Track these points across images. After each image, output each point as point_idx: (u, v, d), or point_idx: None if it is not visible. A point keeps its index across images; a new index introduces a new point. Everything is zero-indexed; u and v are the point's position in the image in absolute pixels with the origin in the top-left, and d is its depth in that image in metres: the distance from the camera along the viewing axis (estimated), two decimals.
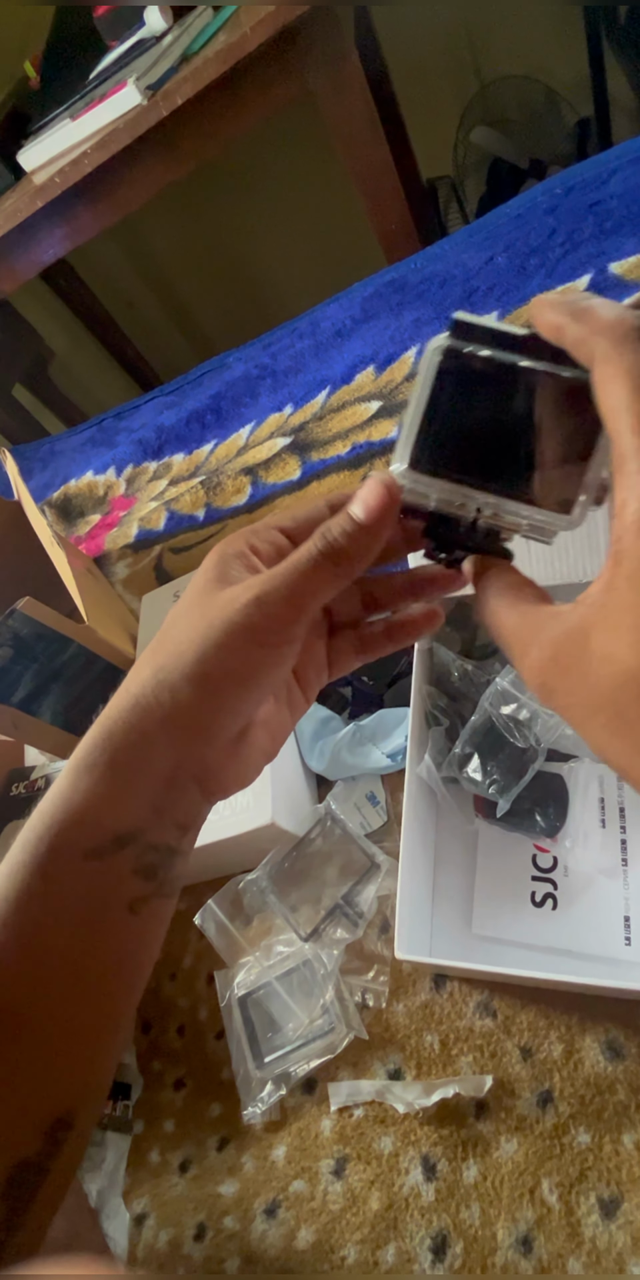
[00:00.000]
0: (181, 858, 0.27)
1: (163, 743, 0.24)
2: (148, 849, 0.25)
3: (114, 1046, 0.27)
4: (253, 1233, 0.44)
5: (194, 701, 0.24)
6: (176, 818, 0.26)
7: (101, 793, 0.24)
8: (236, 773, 0.27)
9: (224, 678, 0.24)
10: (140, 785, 0.24)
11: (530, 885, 0.46)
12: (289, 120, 1.43)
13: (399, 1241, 0.40)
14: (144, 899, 0.25)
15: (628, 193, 0.81)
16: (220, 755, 0.26)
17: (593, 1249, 0.36)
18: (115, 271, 1.83)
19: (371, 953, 0.49)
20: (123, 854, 0.24)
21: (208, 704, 0.24)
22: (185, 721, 0.24)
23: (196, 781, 0.26)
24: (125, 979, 0.26)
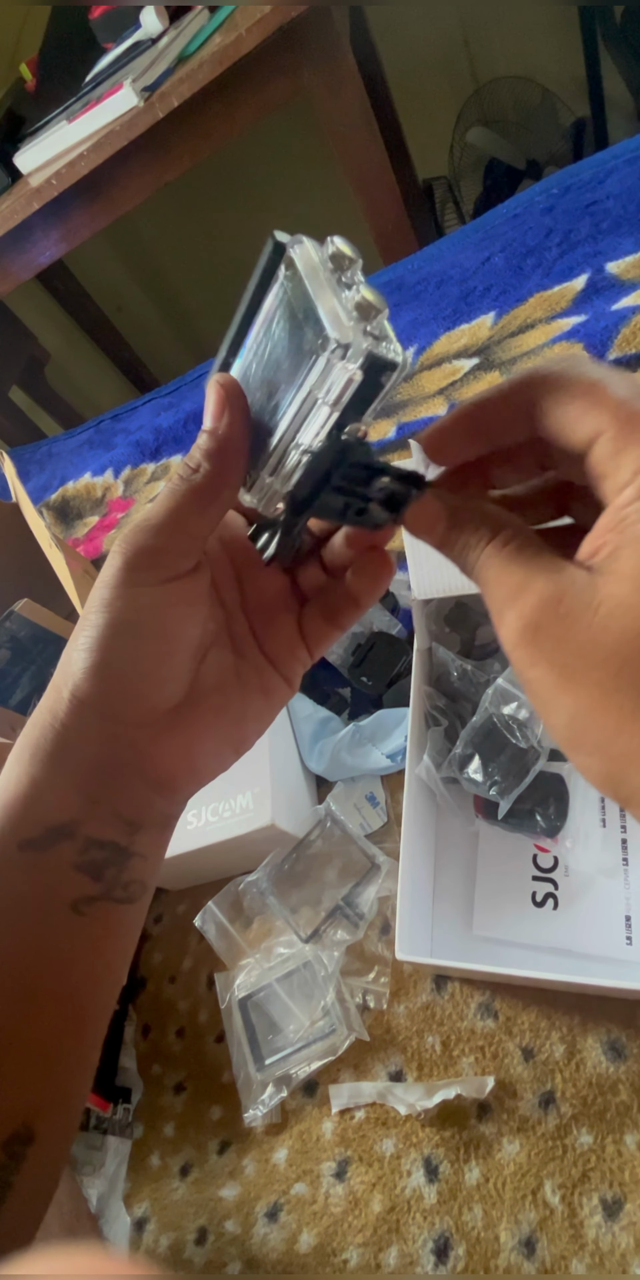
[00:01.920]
0: (139, 859, 0.25)
1: (76, 725, 0.23)
2: (89, 844, 0.24)
3: (74, 1060, 0.26)
4: (254, 1236, 0.44)
5: (89, 671, 0.23)
6: (118, 809, 0.24)
7: (30, 782, 0.23)
8: (179, 755, 0.25)
9: (111, 635, 0.23)
10: (66, 773, 0.23)
11: (531, 885, 0.46)
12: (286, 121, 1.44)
13: (401, 1244, 0.40)
14: (89, 899, 0.24)
15: (624, 192, 0.81)
16: (148, 733, 0.24)
17: (596, 1250, 0.36)
18: (111, 273, 1.83)
19: (372, 954, 0.49)
20: (60, 847, 0.23)
21: (104, 671, 0.23)
22: (91, 697, 0.23)
23: (134, 769, 0.24)
24: (75, 987, 0.25)
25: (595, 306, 0.72)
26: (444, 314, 0.85)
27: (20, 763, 0.23)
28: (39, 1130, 0.24)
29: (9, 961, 0.23)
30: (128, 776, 0.24)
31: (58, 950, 0.24)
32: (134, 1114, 0.53)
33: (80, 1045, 0.26)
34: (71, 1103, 0.27)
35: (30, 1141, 0.24)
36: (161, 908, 0.60)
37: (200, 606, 0.25)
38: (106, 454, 1.13)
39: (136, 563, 0.23)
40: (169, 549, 0.23)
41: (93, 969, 0.25)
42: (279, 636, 0.28)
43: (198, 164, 1.08)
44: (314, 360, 0.19)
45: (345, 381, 0.19)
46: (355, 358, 0.19)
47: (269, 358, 0.21)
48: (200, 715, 0.25)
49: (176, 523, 0.23)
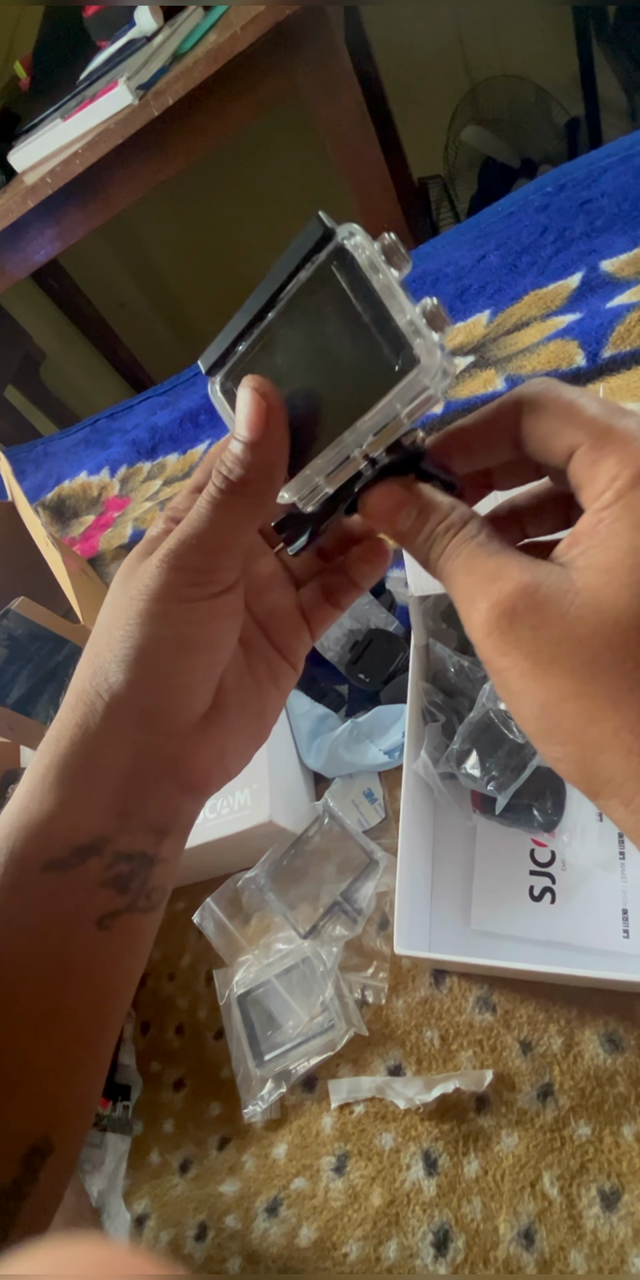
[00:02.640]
0: (162, 865, 0.25)
1: (112, 740, 0.22)
2: (117, 858, 0.23)
3: (92, 1068, 0.26)
4: (254, 1231, 0.44)
5: (132, 684, 0.22)
6: (148, 820, 0.24)
7: (55, 802, 0.22)
8: (214, 759, 0.25)
9: (157, 649, 0.22)
10: (95, 790, 0.23)
11: (528, 879, 0.46)
12: (281, 119, 1.44)
13: (401, 1237, 0.40)
14: (114, 914, 0.24)
15: (618, 191, 0.81)
16: (185, 742, 0.24)
17: (594, 1241, 0.37)
18: (106, 271, 1.83)
19: (371, 949, 0.49)
20: (86, 866, 0.23)
21: (147, 684, 0.22)
22: (129, 710, 0.22)
23: (167, 776, 0.24)
24: (98, 1000, 0.25)
25: (590, 304, 0.73)
26: None
27: (44, 780, 0.23)
28: (57, 1142, 0.24)
29: (32, 983, 0.23)
30: (161, 784, 0.24)
31: (82, 968, 0.24)
32: (133, 1111, 0.53)
33: (99, 1055, 0.26)
34: (87, 1110, 0.27)
35: (49, 1153, 0.24)
36: None
37: (240, 615, 0.25)
38: (102, 453, 1.13)
39: (185, 578, 0.22)
40: (218, 565, 0.23)
41: (115, 981, 0.25)
42: (282, 622, 0.27)
43: (193, 162, 1.08)
44: (400, 380, 0.19)
45: (427, 399, 0.19)
46: (440, 378, 0.19)
47: (311, 353, 0.21)
48: (227, 715, 0.25)
49: (225, 538, 0.23)
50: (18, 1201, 0.23)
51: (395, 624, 0.59)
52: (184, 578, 0.22)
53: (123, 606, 0.23)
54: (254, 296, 0.22)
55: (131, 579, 0.23)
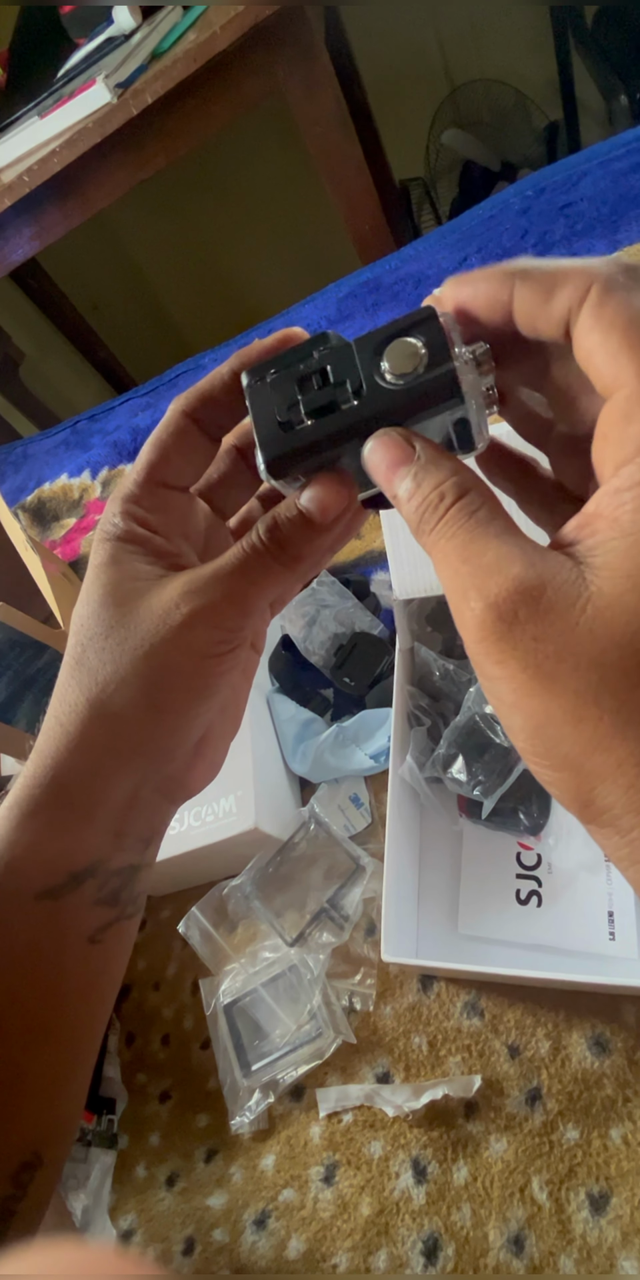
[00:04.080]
0: (146, 869, 0.25)
1: (117, 776, 0.22)
2: (111, 876, 0.23)
3: (81, 1079, 0.26)
4: (242, 1244, 0.44)
5: (145, 728, 0.22)
6: (140, 834, 0.24)
7: (51, 835, 0.22)
8: (202, 771, 0.25)
9: (173, 698, 0.22)
10: (96, 821, 0.22)
11: (515, 883, 0.46)
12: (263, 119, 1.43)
13: (391, 1246, 0.40)
14: (105, 926, 0.24)
15: (597, 195, 0.82)
16: (182, 767, 0.24)
17: (583, 1245, 0.37)
18: (86, 271, 1.81)
19: (358, 956, 0.49)
20: (82, 889, 0.23)
21: (160, 728, 0.22)
22: (138, 750, 0.22)
23: (160, 794, 0.24)
24: (88, 1011, 0.25)
25: None
26: None
27: (35, 801, 0.22)
28: (46, 1156, 0.24)
29: (26, 1005, 0.23)
30: (152, 801, 0.24)
31: (74, 984, 0.24)
32: (119, 1124, 0.52)
33: (87, 1065, 0.26)
34: (75, 1120, 0.27)
35: (39, 1167, 0.24)
36: (145, 914, 0.59)
37: (245, 652, 0.24)
38: (83, 455, 1.11)
39: (216, 636, 0.21)
40: (244, 626, 0.22)
41: (104, 990, 0.25)
42: None
43: (174, 162, 1.07)
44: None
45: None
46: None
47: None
48: (213, 723, 0.25)
49: (254, 604, 0.21)
50: (7, 1219, 0.23)
51: (380, 627, 0.59)
52: (215, 636, 0.21)
53: (133, 646, 0.21)
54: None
55: (138, 612, 0.21)
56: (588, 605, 0.15)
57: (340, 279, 0.95)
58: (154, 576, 0.22)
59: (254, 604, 0.21)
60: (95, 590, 0.22)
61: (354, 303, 0.91)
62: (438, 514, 0.18)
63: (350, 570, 0.65)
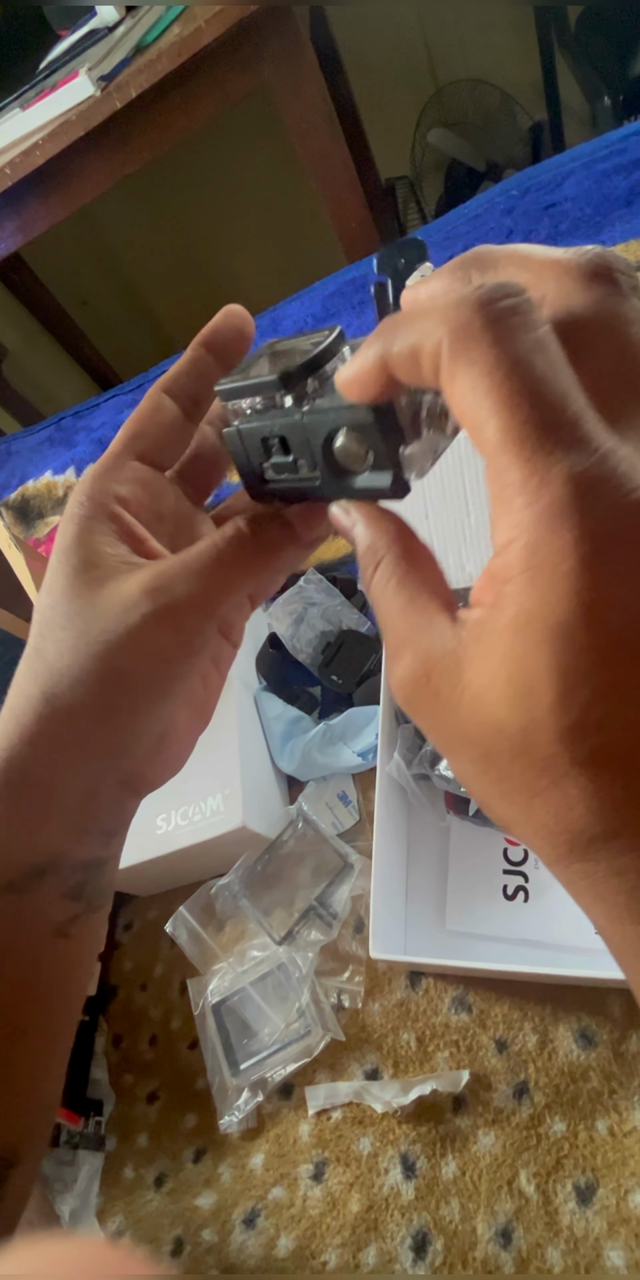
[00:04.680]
0: (111, 862, 0.25)
1: (73, 770, 0.22)
2: (75, 869, 0.23)
3: (55, 1074, 0.26)
4: (231, 1244, 0.43)
5: (98, 726, 0.21)
6: (103, 827, 0.24)
7: (8, 828, 0.22)
8: (165, 765, 0.25)
9: (127, 699, 0.21)
10: (54, 814, 0.22)
11: (502, 879, 0.46)
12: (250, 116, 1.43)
13: (380, 1242, 0.40)
14: (73, 919, 0.23)
15: (581, 195, 0.83)
16: (142, 761, 0.24)
17: (570, 1236, 0.37)
18: (70, 266, 1.79)
19: (346, 953, 0.49)
20: (45, 882, 0.22)
21: (114, 727, 0.21)
22: (92, 746, 0.22)
23: (121, 787, 0.24)
24: (62, 1006, 0.25)
25: None
26: None
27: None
28: (23, 1153, 0.24)
29: (0, 1003, 0.23)
30: (114, 794, 0.23)
31: (45, 978, 0.24)
32: (106, 1126, 0.51)
33: (62, 1059, 0.26)
34: (51, 1117, 0.27)
35: (15, 1164, 0.24)
36: (132, 914, 0.59)
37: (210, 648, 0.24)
38: (68, 452, 1.10)
39: (176, 639, 0.21)
40: (210, 624, 0.21)
41: (76, 984, 0.25)
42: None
43: (159, 157, 1.07)
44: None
45: None
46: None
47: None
48: (178, 717, 0.25)
49: (222, 601, 0.21)
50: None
51: (367, 625, 0.59)
52: (174, 639, 0.21)
53: (91, 639, 0.20)
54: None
55: (99, 602, 0.21)
56: (464, 693, 0.16)
57: (326, 277, 0.95)
58: (118, 563, 0.21)
59: (219, 604, 0.21)
60: (58, 578, 0.22)
61: (340, 300, 0.91)
62: (368, 574, 0.19)
63: (337, 568, 0.65)
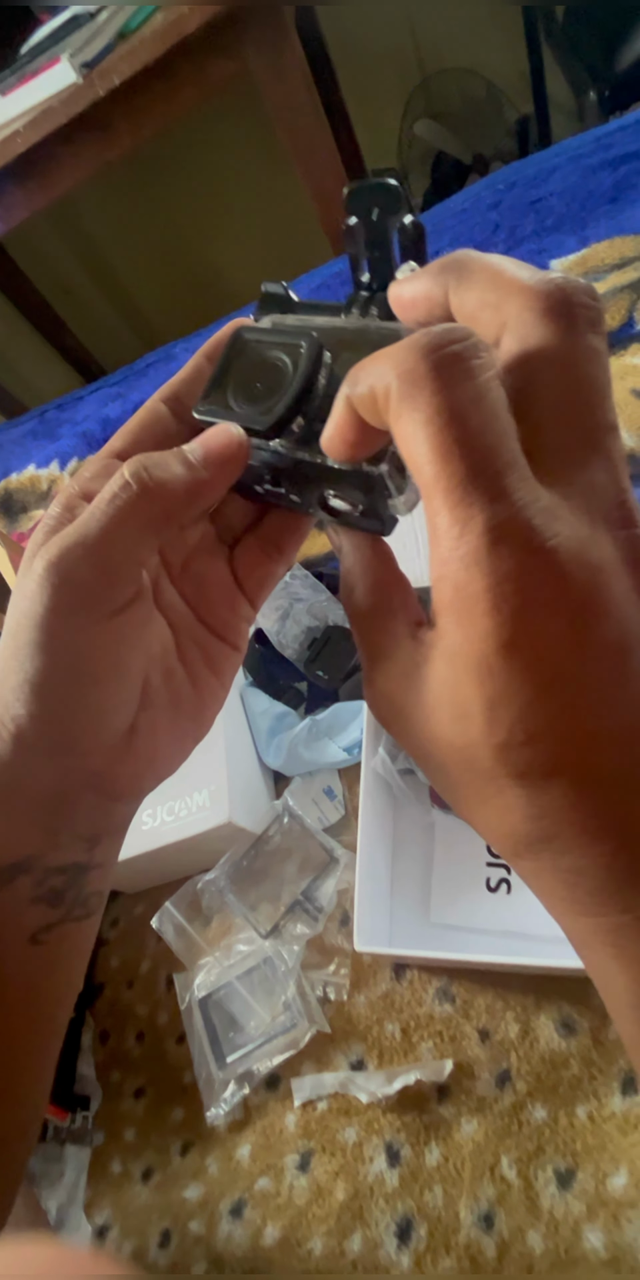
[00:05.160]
0: (97, 870, 0.24)
1: (26, 767, 0.21)
2: (49, 873, 0.22)
3: (38, 1078, 0.25)
4: (218, 1234, 0.44)
5: (34, 718, 0.20)
6: (77, 831, 0.23)
7: None
8: (143, 767, 0.23)
9: (53, 683, 0.20)
10: (15, 812, 0.21)
11: (485, 871, 0.47)
12: (235, 105, 1.41)
13: (364, 1230, 0.41)
14: (48, 927, 0.23)
15: (567, 191, 0.83)
16: (108, 758, 0.22)
17: (551, 1220, 0.38)
18: (52, 256, 1.76)
19: (332, 946, 0.49)
20: (14, 885, 0.22)
21: (51, 719, 0.20)
22: (38, 741, 0.20)
23: (92, 790, 0.22)
24: (37, 1016, 0.24)
25: None
26: None
27: None
28: (3, 1156, 0.24)
29: None
30: (87, 797, 0.22)
31: (18, 986, 0.23)
32: (93, 1121, 0.52)
33: (44, 1062, 0.25)
34: (34, 1121, 0.26)
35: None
36: (118, 911, 0.59)
37: (150, 624, 0.22)
38: (51, 445, 1.09)
39: (71, 599, 0.20)
40: (113, 581, 0.20)
41: (55, 991, 0.24)
42: (216, 597, 0.25)
43: (141, 145, 1.05)
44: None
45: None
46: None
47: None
48: (155, 717, 0.23)
49: (123, 551, 0.20)
50: None
51: None
52: (72, 597, 0.19)
53: (13, 623, 0.20)
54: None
55: (22, 583, 0.20)
56: (421, 712, 0.17)
57: (312, 269, 0.95)
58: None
59: (113, 555, 0.20)
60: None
61: (327, 293, 0.91)
62: (343, 598, 0.21)
63: (323, 564, 0.65)
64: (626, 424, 0.61)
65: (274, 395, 0.21)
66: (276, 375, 0.21)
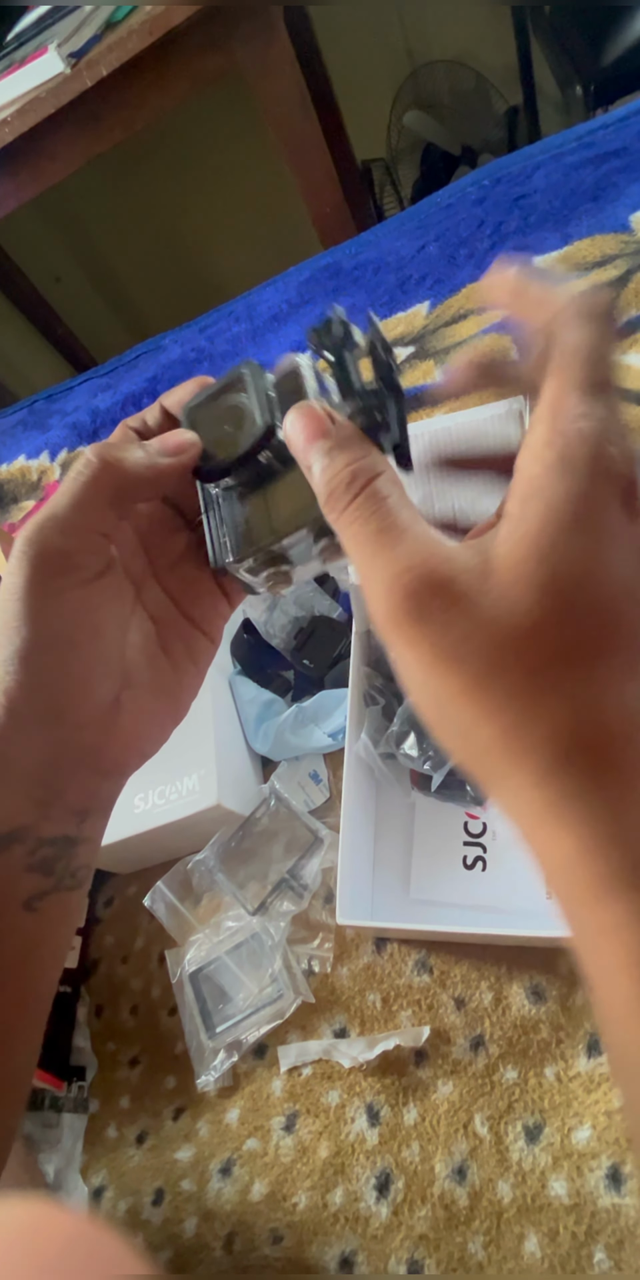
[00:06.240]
0: (85, 844, 0.25)
1: (18, 738, 0.22)
2: (41, 844, 0.24)
3: (29, 1039, 0.26)
4: (209, 1192, 0.46)
5: (23, 687, 0.22)
6: (68, 804, 0.24)
7: None
8: (129, 742, 0.25)
9: (38, 651, 0.22)
10: (9, 784, 0.23)
11: (462, 850, 0.49)
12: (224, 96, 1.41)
13: (346, 1184, 0.43)
14: (41, 894, 0.24)
15: (550, 188, 0.84)
16: (95, 731, 0.24)
17: (519, 1171, 0.40)
18: (42, 246, 1.76)
19: (316, 922, 0.52)
20: (9, 853, 0.23)
21: (38, 686, 0.22)
22: (28, 711, 0.22)
23: (82, 764, 0.24)
24: (29, 978, 0.25)
25: None
26: (381, 301, 0.86)
27: None
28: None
29: None
30: (76, 771, 0.24)
31: (11, 950, 0.24)
32: (89, 1090, 0.54)
33: (33, 1028, 0.26)
34: (25, 1082, 0.27)
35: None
36: (112, 891, 0.61)
37: (125, 599, 0.24)
38: (41, 436, 1.10)
39: (48, 568, 0.22)
40: (82, 549, 0.22)
41: (45, 959, 0.26)
42: (197, 595, 0.27)
43: (132, 136, 1.06)
44: None
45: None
46: None
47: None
48: (138, 696, 0.25)
49: (87, 517, 0.22)
50: None
51: (339, 611, 0.61)
52: (47, 566, 0.22)
53: (3, 598, 0.22)
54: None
55: (5, 575, 0.22)
56: (488, 593, 0.17)
57: (301, 263, 0.96)
58: None
59: (80, 522, 0.22)
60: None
61: (314, 287, 0.92)
62: (350, 493, 0.19)
63: None
64: None
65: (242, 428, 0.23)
66: (238, 413, 0.23)
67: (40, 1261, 0.15)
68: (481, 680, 0.17)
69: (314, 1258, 0.42)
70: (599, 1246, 0.37)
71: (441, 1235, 0.40)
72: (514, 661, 0.17)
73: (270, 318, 0.93)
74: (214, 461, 0.24)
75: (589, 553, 0.17)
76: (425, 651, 0.18)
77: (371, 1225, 0.42)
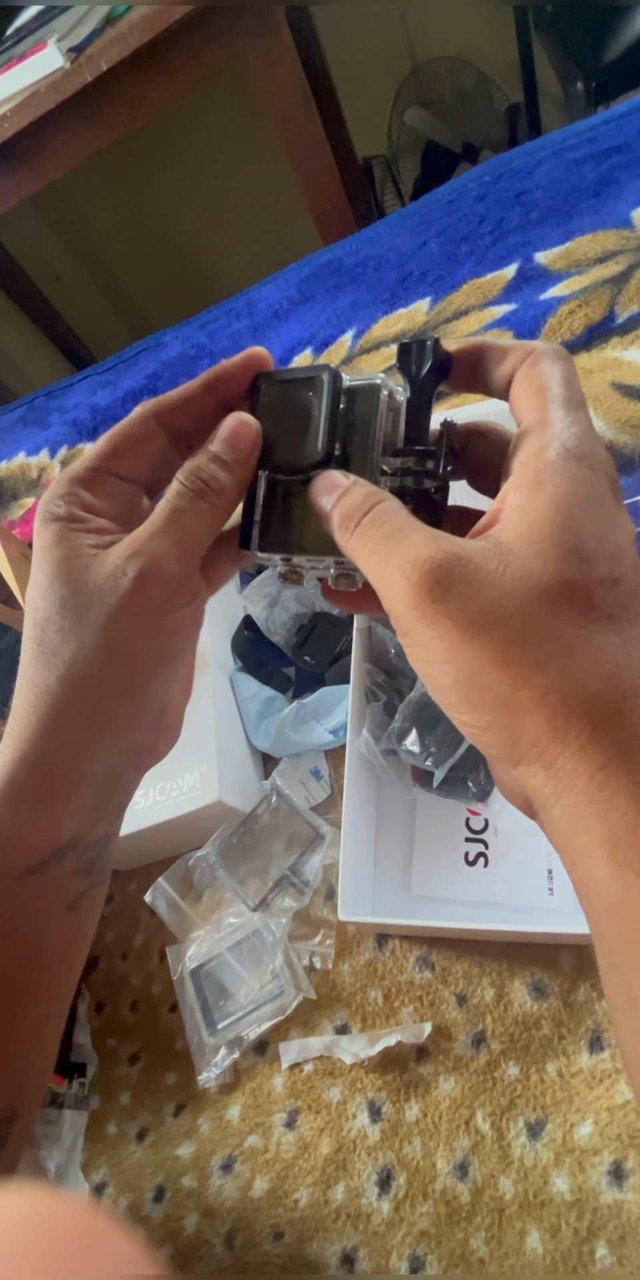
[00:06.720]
0: (115, 838, 0.27)
1: (94, 751, 0.23)
2: (89, 847, 0.24)
3: (53, 1036, 0.28)
4: (210, 1188, 0.46)
5: (116, 700, 0.23)
6: (117, 805, 0.25)
7: (34, 815, 0.23)
8: (165, 738, 0.27)
9: (138, 664, 0.23)
10: (76, 797, 0.23)
11: (464, 846, 0.49)
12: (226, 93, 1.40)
13: (347, 1180, 0.43)
14: (82, 894, 0.25)
15: (551, 184, 0.84)
16: (150, 735, 0.25)
17: (521, 1167, 0.40)
18: (42, 242, 1.75)
19: (318, 918, 0.51)
20: (63, 862, 0.24)
21: (129, 698, 0.23)
22: (112, 722, 0.23)
23: (133, 766, 0.25)
24: (64, 974, 0.26)
25: (524, 295, 0.76)
26: (382, 297, 0.86)
27: (20, 795, 0.23)
28: (23, 1109, 0.26)
29: (5, 971, 0.24)
30: (125, 775, 0.25)
31: (52, 949, 0.25)
32: (90, 1087, 0.54)
33: (58, 1025, 0.28)
34: (47, 1076, 0.29)
35: (15, 1120, 0.25)
36: (113, 888, 0.61)
37: (202, 614, 0.26)
38: (41, 433, 1.09)
39: (165, 592, 0.22)
40: (192, 573, 0.23)
41: (77, 953, 0.27)
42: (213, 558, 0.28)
43: (132, 132, 1.05)
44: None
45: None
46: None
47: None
48: (176, 691, 0.27)
49: (196, 550, 0.23)
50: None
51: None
52: (164, 592, 0.22)
53: (91, 620, 0.22)
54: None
55: (88, 586, 0.22)
56: (508, 566, 0.18)
57: (301, 259, 0.95)
58: (97, 548, 0.23)
59: (191, 551, 0.23)
60: (43, 571, 0.23)
61: (315, 284, 0.92)
62: (360, 512, 0.21)
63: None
64: (606, 417, 0.63)
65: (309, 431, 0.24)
66: (306, 416, 0.24)
67: (45, 1251, 0.14)
68: (516, 644, 0.18)
69: (315, 1254, 0.42)
70: (601, 1242, 0.37)
71: (443, 1231, 0.40)
72: (551, 621, 0.18)
73: (271, 314, 0.93)
74: (268, 459, 0.25)
75: (604, 527, 0.18)
76: (450, 627, 0.18)
77: (373, 1222, 0.42)
